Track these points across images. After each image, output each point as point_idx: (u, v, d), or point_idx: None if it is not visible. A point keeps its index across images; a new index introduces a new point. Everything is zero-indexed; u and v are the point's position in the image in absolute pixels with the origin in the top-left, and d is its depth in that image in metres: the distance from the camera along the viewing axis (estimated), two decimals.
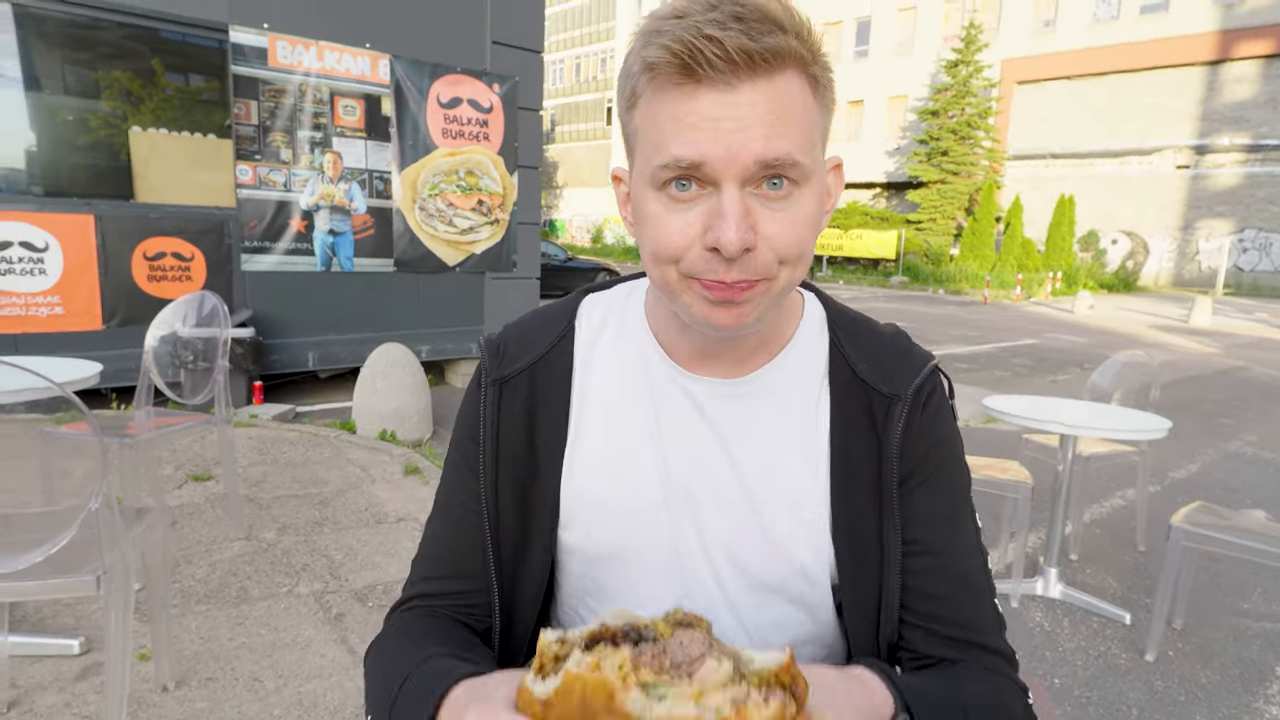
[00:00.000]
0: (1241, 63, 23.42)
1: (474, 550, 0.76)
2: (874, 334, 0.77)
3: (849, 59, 31.19)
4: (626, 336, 0.76)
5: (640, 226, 0.64)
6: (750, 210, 0.58)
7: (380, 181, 5.88)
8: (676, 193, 0.59)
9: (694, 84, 0.56)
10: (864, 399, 0.72)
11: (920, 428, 0.72)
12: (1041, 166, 27.49)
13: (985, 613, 0.72)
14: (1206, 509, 2.71)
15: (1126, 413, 3.11)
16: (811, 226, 0.62)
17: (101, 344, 4.87)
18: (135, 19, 4.85)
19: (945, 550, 0.71)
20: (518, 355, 0.76)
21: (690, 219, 0.59)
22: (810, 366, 0.74)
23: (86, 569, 1.61)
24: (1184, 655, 2.63)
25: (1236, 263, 24.12)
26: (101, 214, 4.81)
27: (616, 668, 0.43)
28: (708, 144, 0.56)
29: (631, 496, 0.73)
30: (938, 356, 0.78)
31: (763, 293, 0.61)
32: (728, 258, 0.57)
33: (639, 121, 0.62)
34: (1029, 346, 10.87)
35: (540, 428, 0.75)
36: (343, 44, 5.53)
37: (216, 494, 3.54)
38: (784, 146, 0.57)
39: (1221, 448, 5.53)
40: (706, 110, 0.56)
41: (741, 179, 0.57)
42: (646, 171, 0.61)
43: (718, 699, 0.42)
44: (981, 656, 0.70)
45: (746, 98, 0.56)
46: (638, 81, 0.60)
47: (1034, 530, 3.72)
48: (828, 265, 27.39)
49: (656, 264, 0.62)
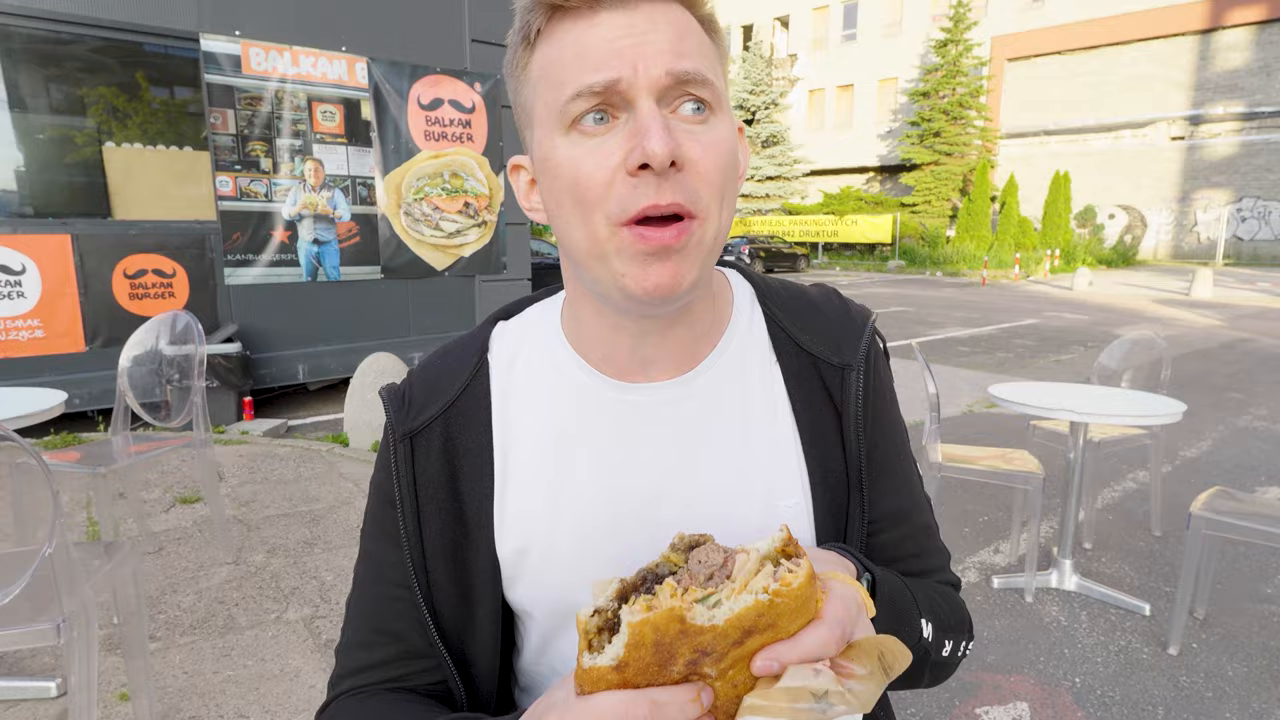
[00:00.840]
0: (1233, 30, 23.23)
1: (411, 627, 0.66)
2: (806, 300, 0.73)
3: (837, 43, 30.98)
4: (546, 360, 0.69)
5: (555, 187, 0.57)
6: (672, 128, 0.54)
7: (363, 188, 5.77)
8: (591, 127, 0.55)
9: (591, 10, 0.55)
10: (814, 371, 0.69)
11: (874, 393, 0.70)
12: (1035, 144, 27.31)
13: (939, 555, 0.75)
14: (1224, 494, 2.61)
15: (1138, 396, 3.01)
16: (732, 160, 0.58)
17: (85, 366, 4.78)
18: (104, 31, 4.74)
19: (908, 514, 0.72)
20: (426, 403, 0.68)
21: (609, 148, 0.54)
22: (754, 348, 0.69)
23: (45, 617, 1.52)
24: (1209, 647, 2.53)
25: (1235, 232, 23.97)
26: (79, 233, 4.71)
27: (669, 597, 0.45)
28: (616, 63, 0.53)
29: (580, 530, 0.65)
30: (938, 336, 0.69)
31: (696, 241, 0.56)
32: (657, 170, 0.52)
33: (536, 69, 0.58)
34: (1030, 326, 10.76)
35: (463, 480, 0.66)
36: (318, 48, 5.41)
37: (205, 516, 3.45)
38: (693, 62, 0.55)
39: (1232, 423, 5.42)
40: (608, 33, 0.54)
41: (655, 94, 0.54)
42: (553, 116, 0.56)
43: (760, 581, 0.45)
44: None
45: (646, 17, 0.55)
46: (531, 21, 0.57)
47: (1046, 520, 3.62)
48: (823, 252, 27.25)
49: (581, 221, 0.56)
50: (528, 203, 0.64)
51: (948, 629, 0.68)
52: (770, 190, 29.82)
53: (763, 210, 30.13)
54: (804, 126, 31.96)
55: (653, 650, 0.44)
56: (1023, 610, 2.78)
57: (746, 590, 0.45)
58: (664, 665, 0.45)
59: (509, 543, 0.66)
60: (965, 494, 3.94)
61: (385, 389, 0.70)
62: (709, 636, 0.44)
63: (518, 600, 0.67)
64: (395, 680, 0.67)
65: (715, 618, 0.44)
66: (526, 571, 0.66)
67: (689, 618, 0.44)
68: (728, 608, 0.44)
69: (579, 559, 0.65)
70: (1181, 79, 24.26)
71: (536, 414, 0.67)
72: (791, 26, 32.21)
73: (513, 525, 0.66)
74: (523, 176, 0.65)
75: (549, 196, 0.59)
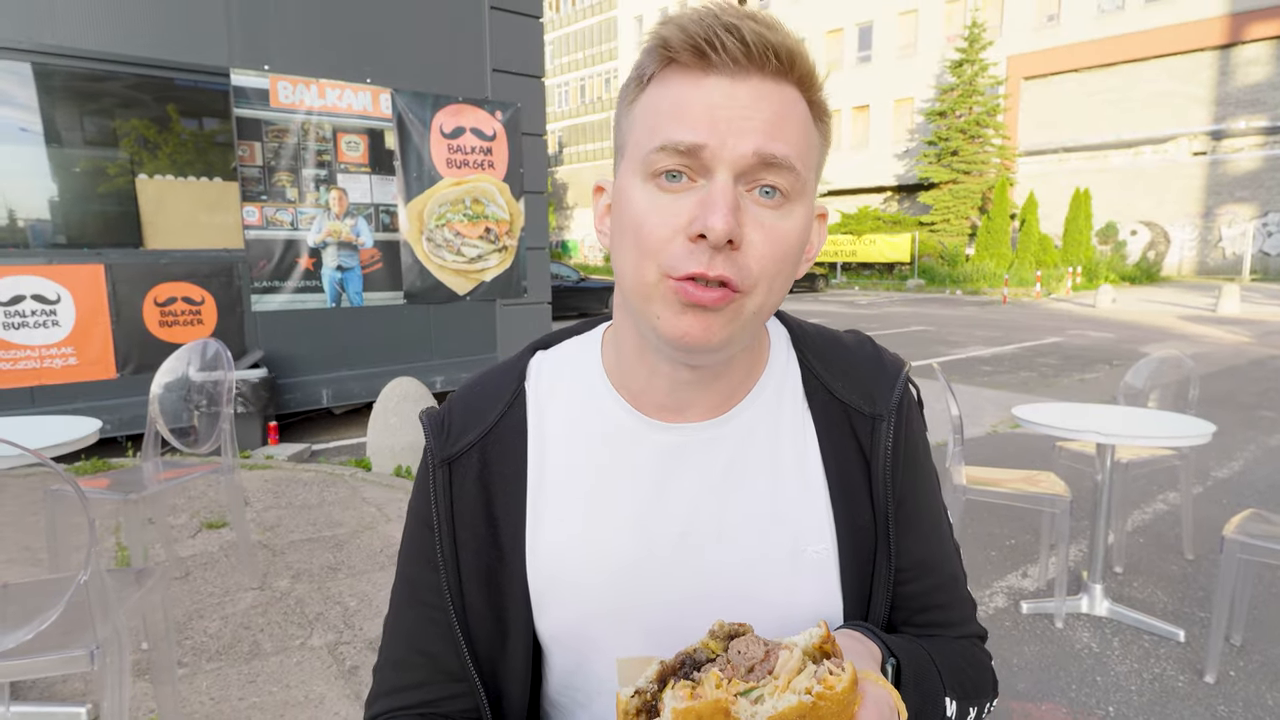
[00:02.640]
0: (1254, 45, 23.05)
1: (446, 649, 0.67)
2: (840, 347, 0.74)
3: (852, 65, 31.15)
4: (584, 394, 0.70)
5: (622, 223, 0.60)
6: (740, 207, 0.56)
7: (386, 215, 5.87)
8: (667, 183, 0.57)
9: (702, 70, 0.56)
10: (845, 419, 0.70)
11: (904, 444, 0.70)
12: (1054, 161, 27.15)
13: (965, 606, 0.75)
14: (1258, 516, 2.55)
15: (1166, 417, 2.96)
16: (795, 250, 0.59)
17: (116, 393, 4.88)
18: (138, 68, 4.90)
19: (936, 565, 0.72)
20: (464, 429, 0.69)
21: (678, 208, 0.56)
22: (788, 393, 0.70)
23: (79, 644, 1.54)
24: (1246, 675, 2.46)
25: (1262, 247, 23.58)
26: (111, 263, 4.83)
27: (714, 687, 0.45)
28: (707, 129, 0.55)
29: (611, 562, 0.66)
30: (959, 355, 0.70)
31: (734, 311, 0.57)
32: (713, 244, 0.54)
33: (639, 109, 0.59)
34: (1053, 345, 10.62)
35: (498, 507, 0.68)
36: (343, 80, 5.55)
37: (231, 541, 3.48)
38: (784, 148, 0.56)
39: (1263, 443, 5.30)
40: (711, 97, 0.55)
41: (736, 170, 0.55)
42: (639, 159, 0.58)
43: (803, 681, 0.46)
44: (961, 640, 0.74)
45: (753, 91, 0.55)
46: (646, 63, 0.59)
47: (1074, 543, 3.56)
48: (842, 271, 27.19)
49: (634, 262, 0.58)
50: (601, 225, 0.67)
51: (971, 697, 0.68)
52: None
53: None
54: None
55: None
56: (1053, 636, 2.73)
57: (790, 690, 0.45)
58: None
59: (540, 571, 0.67)
60: (991, 517, 3.88)
61: (425, 413, 0.71)
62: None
63: (546, 629, 0.68)
64: (429, 705, 0.68)
65: (758, 715, 0.44)
66: (555, 602, 0.67)
67: (733, 711, 0.44)
68: (770, 705, 0.45)
69: (607, 592, 0.66)
70: (1202, 94, 24.07)
71: (572, 446, 0.69)
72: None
73: (544, 554, 0.67)
74: (602, 200, 0.67)
75: (616, 229, 0.62)
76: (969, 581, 0.79)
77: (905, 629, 0.71)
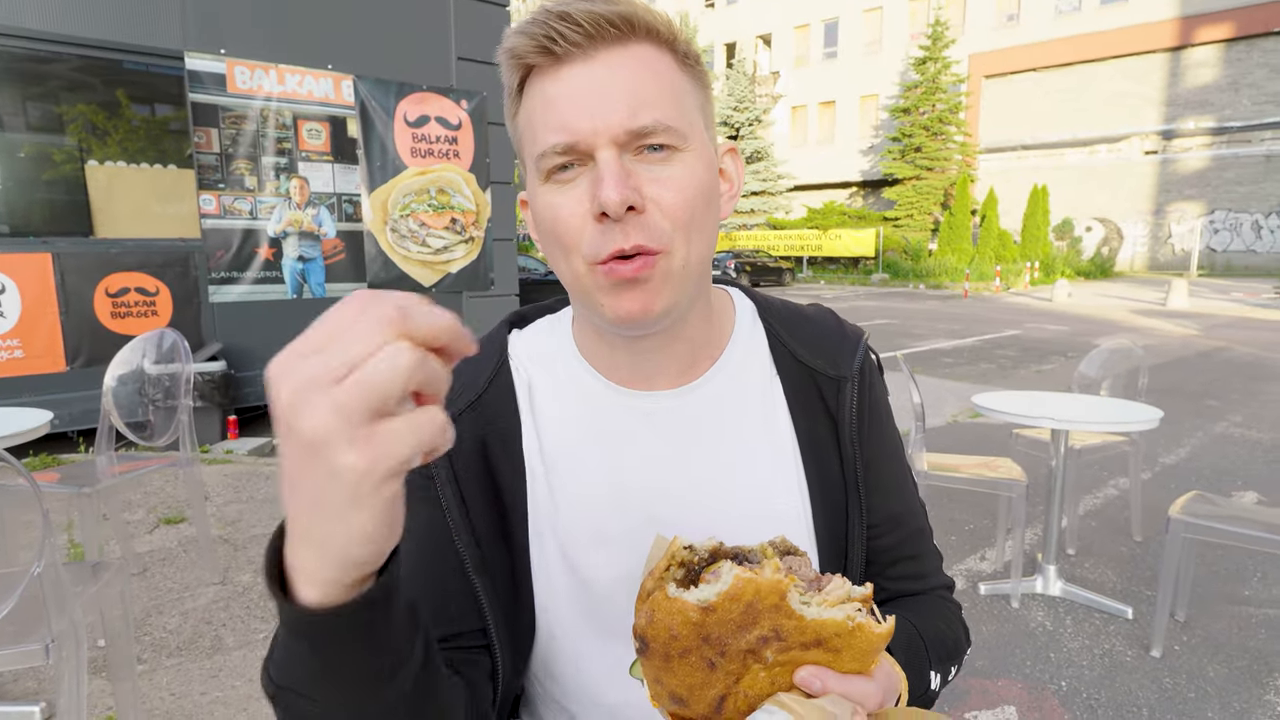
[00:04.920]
0: (1202, 48, 23.81)
1: (460, 595, 0.66)
2: (804, 317, 0.78)
3: (818, 61, 31.42)
4: (562, 368, 0.73)
5: (542, 229, 0.62)
6: (631, 172, 0.57)
7: (349, 204, 5.77)
8: (561, 176, 0.59)
9: (555, 63, 0.58)
10: (812, 383, 0.73)
11: (869, 405, 0.74)
12: (1013, 158, 27.76)
13: (934, 558, 0.80)
14: (1201, 498, 2.66)
15: (1117, 404, 3.07)
16: (701, 193, 0.60)
17: (65, 386, 4.72)
18: (89, 50, 4.73)
19: (904, 519, 0.76)
20: (456, 395, 0.70)
21: (578, 195, 0.59)
22: (755, 360, 0.74)
23: (34, 637, 1.50)
24: (1190, 649, 2.57)
25: (1209, 244, 24.44)
26: (59, 252, 4.67)
27: (773, 572, 0.47)
28: (575, 120, 0.57)
29: (589, 522, 0.69)
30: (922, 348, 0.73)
31: (662, 272, 0.59)
32: (615, 217, 0.56)
33: (521, 121, 0.62)
34: (1012, 337, 10.90)
35: (495, 462, 0.70)
36: (304, 66, 5.43)
37: (189, 537, 3.41)
38: (649, 114, 0.57)
39: (1209, 430, 5.52)
40: (570, 87, 0.57)
41: (615, 144, 0.57)
42: (533, 166, 0.61)
43: (849, 609, 0.48)
44: (934, 591, 0.79)
45: (605, 65, 0.57)
46: (509, 78, 0.61)
47: (1030, 526, 3.67)
48: (808, 265, 27.47)
49: (564, 260, 0.61)
50: (535, 236, 0.68)
51: (952, 658, 0.73)
52: (755, 205, 30.07)
53: (748, 225, 30.35)
54: (787, 142, 32.31)
55: (743, 609, 0.46)
56: (1009, 616, 2.81)
57: (838, 607, 0.48)
58: (743, 628, 0.47)
59: (539, 531, 0.69)
60: (951, 502, 3.98)
61: None
62: (792, 623, 0.47)
63: (538, 589, 0.69)
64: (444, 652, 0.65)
65: (806, 612, 0.47)
66: (545, 561, 0.69)
67: (788, 598, 0.47)
68: (817, 610, 0.47)
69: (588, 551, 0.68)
70: (1154, 95, 24.81)
71: (553, 412, 0.71)
72: (774, 45, 32.64)
73: (531, 513, 0.69)
74: (528, 213, 0.68)
75: (540, 236, 0.64)
76: None
77: (881, 581, 0.75)
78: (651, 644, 0.49)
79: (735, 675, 0.49)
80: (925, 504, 0.82)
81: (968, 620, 0.84)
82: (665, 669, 0.50)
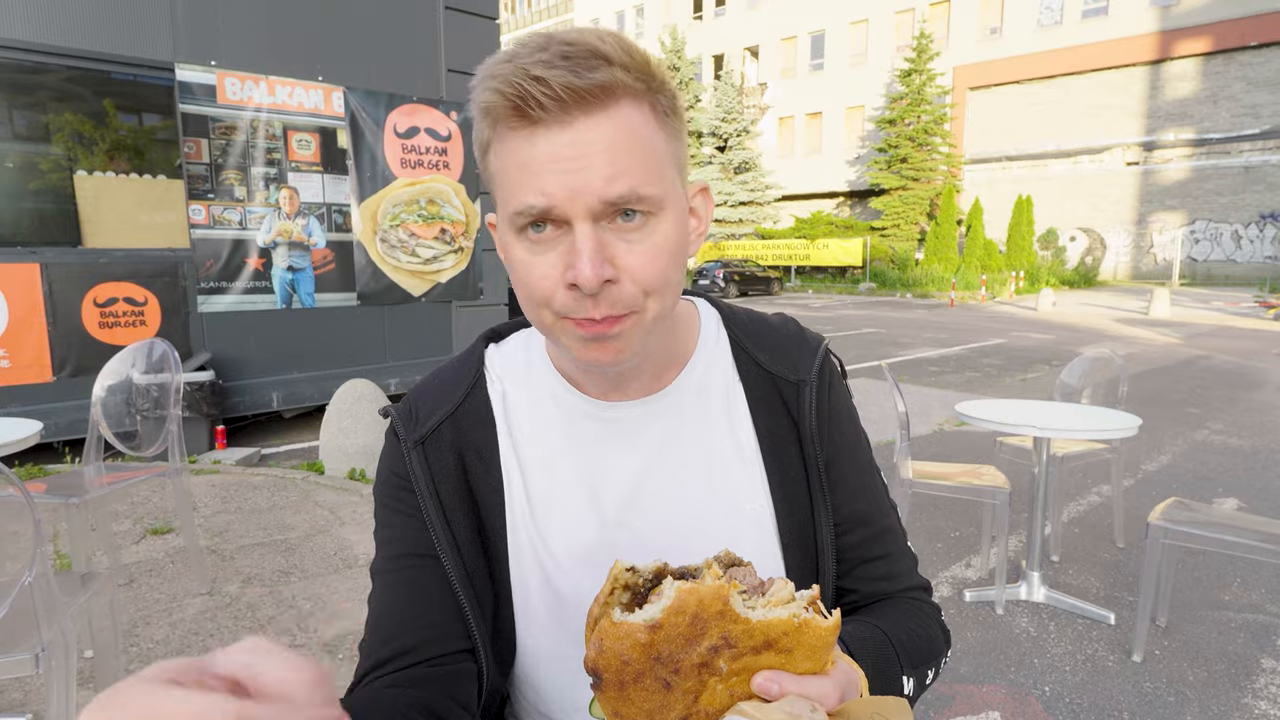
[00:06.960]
0: (1181, 61, 24.25)
1: (443, 604, 0.68)
2: (766, 325, 0.80)
3: (805, 73, 31.72)
4: (535, 382, 0.76)
5: (510, 268, 0.64)
6: (606, 244, 0.58)
7: (339, 215, 5.78)
8: (535, 235, 0.59)
9: (530, 126, 0.57)
10: (773, 388, 0.75)
11: (829, 407, 0.76)
12: (998, 169, 28.10)
13: (907, 558, 0.80)
14: (1181, 504, 2.71)
15: (1098, 412, 3.12)
16: (673, 254, 0.62)
17: (53, 396, 4.70)
18: (81, 61, 4.73)
19: (871, 517, 0.77)
20: (432, 411, 0.74)
21: (552, 260, 0.59)
22: (719, 368, 0.76)
23: (23, 646, 1.51)
24: (1170, 653, 2.62)
25: (1190, 254, 24.81)
26: (48, 262, 4.65)
27: (714, 579, 0.48)
28: (552, 187, 0.57)
29: (565, 530, 0.71)
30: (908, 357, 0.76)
31: (633, 326, 0.61)
32: (589, 293, 0.58)
33: (493, 166, 0.62)
34: (997, 346, 11.01)
35: (473, 474, 0.72)
36: (294, 78, 5.45)
37: (177, 548, 3.39)
38: (625, 183, 0.57)
39: (1190, 437, 5.60)
40: (545, 153, 0.57)
41: (590, 215, 0.57)
42: (505, 215, 0.61)
43: (794, 608, 0.48)
44: (907, 594, 0.79)
45: (582, 135, 0.56)
46: (482, 126, 0.61)
47: (1014, 533, 3.71)
48: (796, 275, 27.65)
49: (533, 309, 0.62)
50: (506, 267, 0.67)
51: (927, 663, 0.73)
52: (743, 215, 30.25)
53: (736, 235, 30.53)
54: (775, 153, 32.56)
55: (689, 622, 0.47)
56: (994, 622, 2.85)
57: (783, 607, 0.49)
58: (692, 641, 0.47)
59: (518, 544, 0.71)
60: (936, 510, 4.02)
61: (387, 407, 0.75)
62: (739, 628, 0.47)
63: (516, 598, 0.71)
64: (427, 663, 0.67)
65: (751, 615, 0.48)
66: (523, 571, 0.71)
67: (730, 602, 0.47)
68: (763, 612, 0.48)
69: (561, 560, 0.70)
70: (1135, 107, 25.22)
71: (528, 424, 0.74)
72: (761, 56, 32.94)
73: (509, 523, 0.71)
74: (498, 242, 0.67)
75: (509, 274, 0.65)
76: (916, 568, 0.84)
77: (852, 582, 0.76)
78: (605, 674, 0.48)
79: (693, 694, 0.49)
80: (909, 514, 0.83)
81: (952, 626, 0.85)
82: (622, 699, 0.49)
